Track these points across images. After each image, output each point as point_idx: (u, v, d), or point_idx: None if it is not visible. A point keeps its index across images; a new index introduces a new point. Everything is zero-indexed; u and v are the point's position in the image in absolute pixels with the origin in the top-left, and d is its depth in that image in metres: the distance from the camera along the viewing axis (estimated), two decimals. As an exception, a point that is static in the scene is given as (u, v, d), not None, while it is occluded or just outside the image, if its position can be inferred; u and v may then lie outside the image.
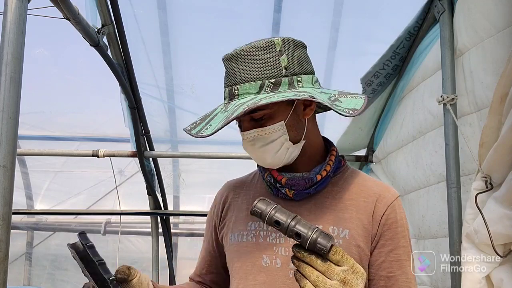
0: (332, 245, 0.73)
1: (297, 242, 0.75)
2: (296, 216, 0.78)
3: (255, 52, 0.90)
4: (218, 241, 1.08)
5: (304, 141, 0.96)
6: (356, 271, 0.75)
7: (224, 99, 0.94)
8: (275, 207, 0.79)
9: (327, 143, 1.04)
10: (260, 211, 0.78)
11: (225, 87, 0.94)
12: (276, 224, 0.77)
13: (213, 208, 1.11)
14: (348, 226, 0.92)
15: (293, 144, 0.93)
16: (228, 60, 0.93)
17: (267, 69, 0.89)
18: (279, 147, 0.92)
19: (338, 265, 0.74)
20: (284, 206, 0.95)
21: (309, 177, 0.95)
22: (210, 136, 0.86)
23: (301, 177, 0.95)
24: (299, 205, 0.95)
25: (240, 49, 0.92)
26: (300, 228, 0.75)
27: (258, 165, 1.04)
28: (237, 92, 0.90)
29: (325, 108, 1.05)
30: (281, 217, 0.77)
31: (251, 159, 1.08)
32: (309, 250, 0.74)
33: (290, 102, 0.92)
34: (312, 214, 0.94)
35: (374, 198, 0.94)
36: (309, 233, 0.73)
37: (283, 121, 0.91)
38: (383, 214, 0.92)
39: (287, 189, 0.94)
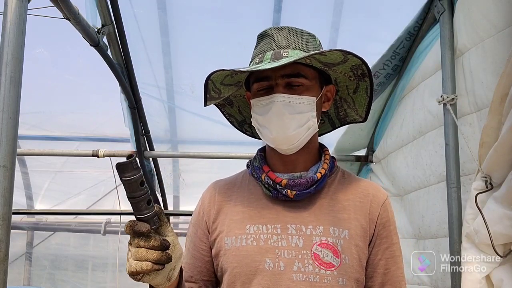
0: None
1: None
2: None
3: (303, 33, 0.97)
4: (209, 246, 1.01)
5: (317, 130, 0.98)
6: None
7: (261, 62, 0.93)
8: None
9: (319, 144, 1.06)
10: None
11: (267, 51, 0.94)
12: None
13: (202, 211, 1.03)
14: (347, 226, 0.93)
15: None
16: (276, 30, 0.96)
17: (312, 50, 0.93)
18: (305, 121, 0.92)
19: None
20: (284, 207, 0.95)
21: (309, 176, 0.95)
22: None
23: (299, 177, 0.96)
24: (299, 206, 0.95)
25: (287, 26, 0.97)
26: None
27: (252, 166, 1.03)
28: (286, 54, 0.91)
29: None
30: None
31: (251, 159, 1.07)
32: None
33: (320, 86, 0.96)
34: (312, 215, 0.94)
35: (368, 198, 0.97)
36: None
37: (315, 98, 0.94)
38: (379, 214, 0.96)
39: (288, 190, 0.93)
